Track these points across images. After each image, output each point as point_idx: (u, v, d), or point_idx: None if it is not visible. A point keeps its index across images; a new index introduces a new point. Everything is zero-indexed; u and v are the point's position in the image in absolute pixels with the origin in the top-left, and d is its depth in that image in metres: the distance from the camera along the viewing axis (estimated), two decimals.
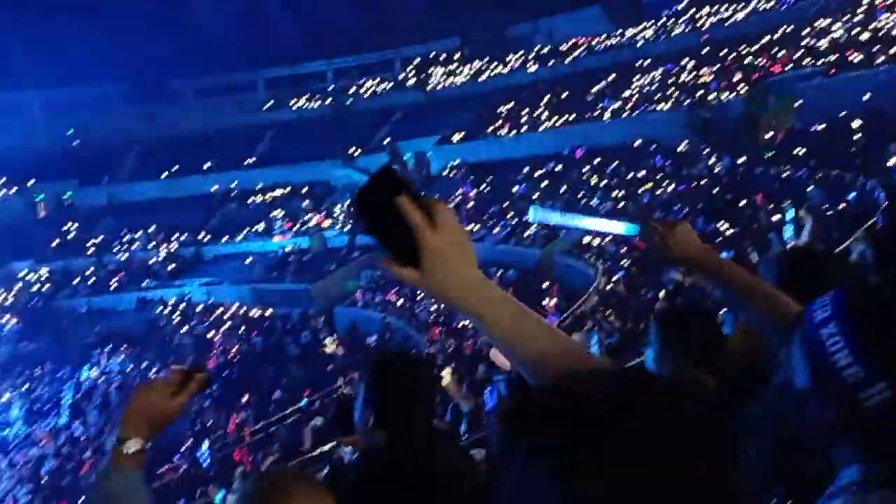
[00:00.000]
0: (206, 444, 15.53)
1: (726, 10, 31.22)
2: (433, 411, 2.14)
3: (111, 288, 30.23)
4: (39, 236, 32.97)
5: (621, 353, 8.41)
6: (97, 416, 20.33)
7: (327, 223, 31.12)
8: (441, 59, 39.57)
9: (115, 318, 28.11)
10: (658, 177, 23.20)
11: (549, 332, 1.14)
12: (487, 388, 6.78)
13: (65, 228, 33.75)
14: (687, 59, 29.19)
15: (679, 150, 24.24)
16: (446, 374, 6.26)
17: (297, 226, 31.32)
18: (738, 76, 26.09)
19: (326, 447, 11.29)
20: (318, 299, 25.54)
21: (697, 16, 32.00)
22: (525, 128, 31.29)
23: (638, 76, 30.41)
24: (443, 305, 1.38)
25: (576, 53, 35.16)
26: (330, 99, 40.32)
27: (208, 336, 24.96)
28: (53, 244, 32.79)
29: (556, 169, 27.67)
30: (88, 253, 32.28)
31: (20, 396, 23.14)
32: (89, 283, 30.74)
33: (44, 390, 23.44)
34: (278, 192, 34.27)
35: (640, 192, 22.67)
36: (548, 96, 32.56)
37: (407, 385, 1.97)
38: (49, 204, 36.09)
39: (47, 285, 30.80)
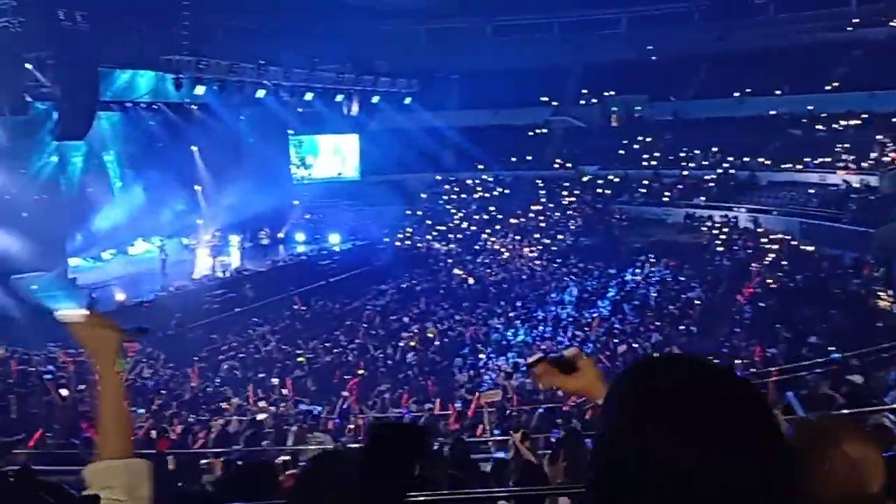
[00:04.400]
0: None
1: None
2: None
3: (663, 200, 31.97)
4: (608, 144, 36.29)
5: None
6: (633, 315, 22.19)
7: None
8: None
9: (663, 229, 29.80)
10: None
11: None
12: None
13: (630, 140, 36.30)
14: None
15: None
16: None
17: (868, 160, 27.98)
18: None
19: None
20: (881, 246, 22.81)
21: None
22: None
23: None
24: None
25: None
26: None
27: (749, 262, 24.68)
28: (619, 152, 35.73)
29: None
30: (648, 164, 34.39)
31: (574, 283, 26.57)
32: (644, 192, 32.99)
33: (593, 282, 26.42)
34: (851, 121, 30.88)
35: None
36: None
37: None
38: (621, 115, 39.22)
39: (608, 190, 34.02)
